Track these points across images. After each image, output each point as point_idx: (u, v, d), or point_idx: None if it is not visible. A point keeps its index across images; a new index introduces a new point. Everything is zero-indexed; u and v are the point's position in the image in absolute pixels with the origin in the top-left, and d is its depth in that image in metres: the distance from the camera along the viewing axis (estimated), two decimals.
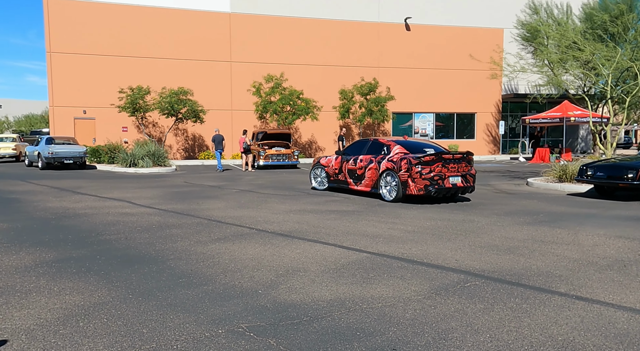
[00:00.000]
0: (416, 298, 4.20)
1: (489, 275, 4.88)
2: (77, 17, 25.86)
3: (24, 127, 74.47)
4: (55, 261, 5.33)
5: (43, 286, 4.42)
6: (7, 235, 6.69)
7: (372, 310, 3.90)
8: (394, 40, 30.53)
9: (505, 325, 3.62)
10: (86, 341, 3.25)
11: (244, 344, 3.25)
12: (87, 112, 26.41)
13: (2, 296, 4.14)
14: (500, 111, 32.77)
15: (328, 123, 29.26)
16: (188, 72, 27.10)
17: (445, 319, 3.73)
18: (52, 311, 3.80)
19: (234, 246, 6.08)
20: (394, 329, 3.54)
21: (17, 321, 3.59)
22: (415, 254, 5.72)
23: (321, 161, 12.64)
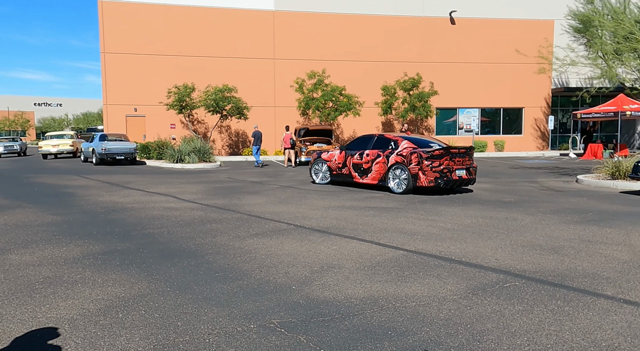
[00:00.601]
0: (452, 298, 4.10)
1: (530, 276, 4.70)
2: (128, 18, 26.83)
3: (81, 124, 78.40)
4: (101, 253, 5.56)
5: (88, 278, 4.62)
6: (59, 228, 7.04)
7: (405, 309, 3.84)
8: (438, 34, 29.91)
9: (544, 328, 3.48)
10: (124, 333, 3.37)
11: (274, 340, 3.27)
12: (137, 110, 27.40)
13: (51, 286, 4.36)
14: (550, 106, 31.49)
15: (370, 119, 29.05)
16: (232, 70, 27.59)
17: (481, 320, 3.63)
18: (95, 302, 3.97)
19: (271, 241, 6.14)
20: (426, 329, 3.47)
21: (62, 310, 3.77)
22: (453, 252, 5.59)
23: (322, 156, 13.07)
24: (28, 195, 10.82)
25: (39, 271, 4.80)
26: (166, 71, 26.78)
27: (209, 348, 3.14)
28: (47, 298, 4.04)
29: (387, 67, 28.84)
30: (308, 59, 28.04)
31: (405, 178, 10.82)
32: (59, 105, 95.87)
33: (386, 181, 11.25)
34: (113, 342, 3.21)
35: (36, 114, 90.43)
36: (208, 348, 3.14)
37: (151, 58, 27.07)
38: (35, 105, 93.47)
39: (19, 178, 15.39)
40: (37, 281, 4.48)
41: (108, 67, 26.83)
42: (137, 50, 26.90)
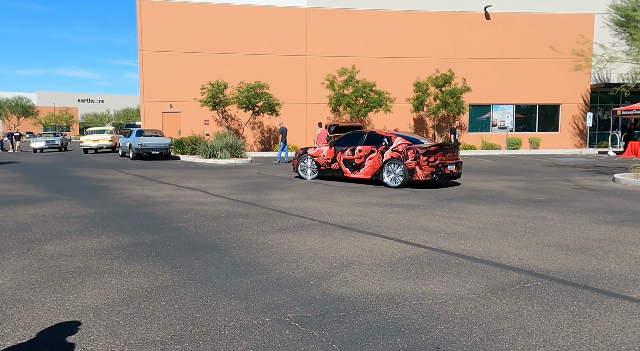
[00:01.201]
0: (469, 297, 4.06)
1: (553, 276, 4.60)
2: (165, 16, 27.45)
3: (122, 120, 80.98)
4: (129, 245, 5.77)
5: (115, 268, 4.80)
6: (93, 220, 7.33)
7: (421, 307, 3.84)
8: (472, 29, 29.32)
9: (562, 330, 3.42)
10: (144, 322, 3.51)
11: (288, 333, 3.34)
12: (173, 106, 28.05)
13: (80, 276, 4.56)
14: (589, 102, 30.42)
15: (401, 116, 28.81)
16: (265, 67, 27.85)
17: (497, 320, 3.59)
18: (120, 292, 4.13)
19: (294, 236, 6.22)
20: (440, 327, 3.46)
21: (89, 299, 3.95)
22: (475, 251, 5.52)
23: (309, 151, 13.31)
24: (67, 188, 11.28)
25: (71, 261, 5.02)
26: (200, 68, 27.29)
27: (224, 340, 3.23)
28: (75, 287, 4.24)
29: (419, 63, 28.50)
30: (339, 55, 28.01)
31: (401, 172, 11.40)
32: (101, 101, 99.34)
33: (380, 176, 11.78)
34: (133, 331, 3.35)
35: (80, 110, 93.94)
36: (223, 340, 3.23)
37: (186, 55, 27.63)
38: (78, 101, 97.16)
39: (60, 171, 16.04)
40: (67, 271, 4.69)
41: (145, 65, 27.56)
42: (172, 48, 27.51)
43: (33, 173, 15.31)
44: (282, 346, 3.14)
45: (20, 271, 4.68)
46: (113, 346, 3.13)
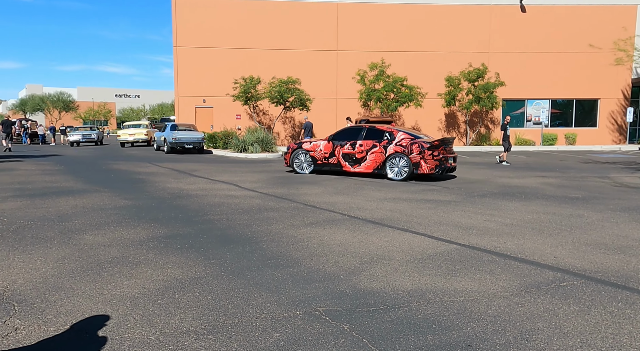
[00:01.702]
0: (502, 295, 4.00)
1: (591, 275, 4.47)
2: (199, 13, 27.85)
3: (157, 115, 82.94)
4: (164, 237, 5.91)
5: (151, 259, 4.94)
6: (129, 211, 7.54)
7: (452, 304, 3.80)
8: (506, 22, 28.60)
9: (600, 331, 3.32)
10: (178, 312, 3.60)
11: (318, 327, 3.36)
12: (206, 101, 28.48)
13: (117, 265, 4.71)
14: (629, 97, 29.28)
15: (432, 110, 28.43)
16: (296, 62, 27.93)
17: (531, 319, 3.52)
18: (155, 282, 4.25)
19: (324, 231, 6.24)
20: (472, 325, 3.42)
21: (125, 289, 4.07)
22: (509, 248, 5.41)
23: (304, 146, 13.36)
24: (105, 180, 11.64)
25: (109, 252, 5.19)
26: (233, 64, 27.59)
27: (255, 332, 3.28)
28: (113, 276, 4.38)
29: (451, 57, 28.01)
30: (370, 50, 27.82)
31: (405, 166, 11.75)
32: (137, 96, 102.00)
33: (383, 170, 12.08)
34: (168, 321, 3.44)
35: (117, 104, 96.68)
36: (254, 332, 3.28)
37: (219, 51, 27.98)
38: (116, 96, 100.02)
39: (99, 164, 16.55)
40: (106, 261, 4.85)
41: (180, 61, 28.05)
42: (206, 44, 27.90)
43: (73, 166, 15.85)
44: (313, 339, 3.17)
45: (61, 260, 4.87)
46: (149, 334, 3.22)
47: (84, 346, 3.04)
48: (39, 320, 3.42)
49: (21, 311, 3.56)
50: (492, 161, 18.33)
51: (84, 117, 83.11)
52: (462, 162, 18.10)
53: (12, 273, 4.45)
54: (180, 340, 3.15)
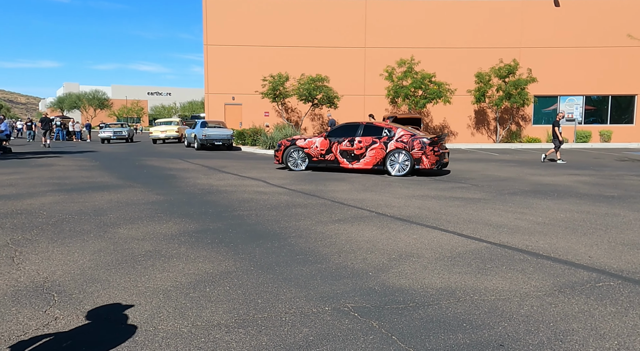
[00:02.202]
0: (535, 294, 3.92)
1: (628, 276, 4.34)
2: (228, 11, 28.15)
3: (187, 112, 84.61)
4: (195, 231, 6.02)
5: (182, 253, 5.04)
6: (161, 206, 7.70)
7: (483, 302, 3.75)
8: (539, 17, 27.89)
9: (639, 333, 3.23)
10: (209, 306, 3.66)
11: (347, 323, 3.37)
12: (235, 98, 28.80)
13: (150, 259, 4.82)
14: None
15: (461, 107, 28.01)
16: (324, 59, 27.94)
17: (565, 319, 3.45)
18: (187, 275, 4.34)
19: (352, 227, 6.24)
20: (504, 324, 3.37)
21: (159, 282, 4.17)
22: (541, 247, 5.30)
23: (298, 143, 13.31)
24: (138, 176, 11.92)
25: (142, 245, 5.32)
26: (261, 61, 27.80)
27: (285, 326, 3.31)
28: (147, 269, 4.49)
29: (481, 53, 27.52)
30: (398, 46, 27.59)
31: (406, 161, 12.02)
32: (169, 94, 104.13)
33: (384, 165, 12.27)
34: (199, 314, 3.51)
35: (149, 102, 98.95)
36: (284, 326, 3.31)
37: (248, 49, 28.22)
38: (148, 94, 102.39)
39: (132, 160, 16.96)
40: (139, 254, 4.98)
41: (210, 58, 28.43)
42: (235, 42, 28.19)
43: (108, 162, 16.29)
44: (342, 335, 3.18)
45: (98, 253, 5.02)
46: (181, 326, 3.29)
47: (119, 336, 3.14)
48: (76, 310, 3.54)
49: (60, 302, 3.69)
50: (522, 159, 17.95)
51: (118, 114, 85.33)
52: (492, 159, 17.79)
53: (52, 264, 4.62)
54: (211, 332, 3.21)
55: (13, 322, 3.32)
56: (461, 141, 29.16)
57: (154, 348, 2.98)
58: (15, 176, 11.68)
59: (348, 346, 3.03)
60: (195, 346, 3.01)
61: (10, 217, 6.78)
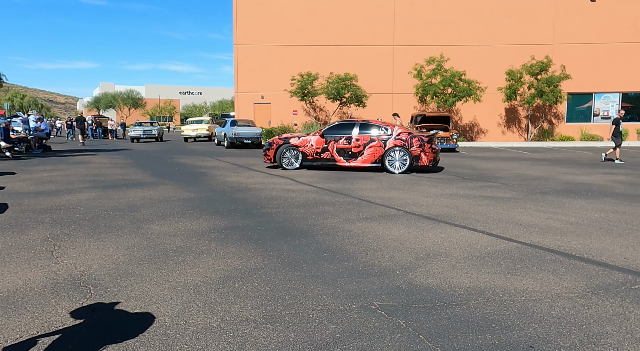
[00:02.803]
0: (567, 296, 3.84)
1: None
2: (258, 12, 28.42)
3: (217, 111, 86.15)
4: (225, 228, 6.12)
5: (212, 249, 5.14)
6: (192, 204, 7.86)
7: (512, 303, 3.70)
8: (574, 13, 27.11)
9: None
10: (238, 301, 3.73)
11: (374, 321, 3.38)
12: (264, 97, 29.07)
13: (182, 255, 4.94)
14: None
15: (491, 105, 27.52)
16: (352, 58, 27.89)
17: (599, 322, 3.37)
18: (216, 271, 4.42)
19: (379, 226, 6.24)
20: (535, 325, 3.32)
21: (189, 277, 4.27)
22: (574, 248, 5.18)
23: (291, 142, 13.15)
24: (170, 174, 12.18)
25: (174, 241, 5.45)
26: (290, 60, 27.96)
27: (312, 323, 3.34)
28: (178, 264, 4.60)
29: (512, 50, 26.96)
30: (427, 44, 27.30)
31: (405, 158, 12.24)
32: (199, 93, 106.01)
33: (383, 163, 12.42)
34: (228, 309, 3.58)
35: (181, 101, 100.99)
36: (311, 323, 3.35)
37: (277, 48, 28.43)
38: (180, 93, 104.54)
39: (164, 158, 17.34)
40: (171, 250, 5.10)
41: (239, 58, 28.76)
42: (264, 41, 28.43)
43: (141, 159, 16.70)
44: (369, 333, 3.19)
45: (131, 248, 5.17)
46: (211, 321, 3.36)
47: (153, 329, 3.23)
48: (112, 303, 3.66)
49: (96, 294, 3.83)
50: (555, 157, 17.51)
51: (151, 113, 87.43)
52: (523, 158, 17.43)
53: (88, 258, 4.78)
54: (240, 328, 3.27)
55: (52, 313, 3.46)
56: (491, 139, 28.64)
57: (185, 341, 3.06)
58: (54, 173, 12.10)
59: (375, 344, 3.04)
60: (225, 340, 3.08)
61: (50, 212, 7.04)
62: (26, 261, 4.69)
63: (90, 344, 3.01)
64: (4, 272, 4.35)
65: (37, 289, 3.93)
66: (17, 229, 6.00)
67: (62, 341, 3.05)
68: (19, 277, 4.22)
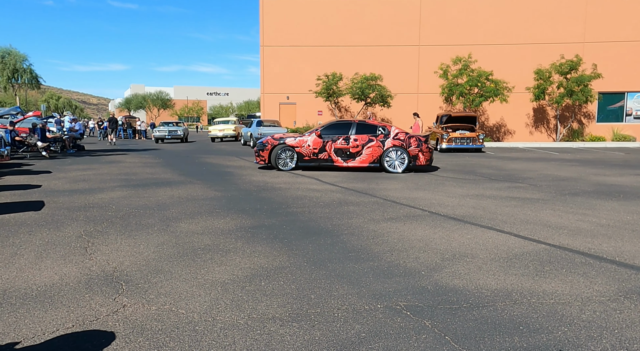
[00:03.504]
0: (598, 299, 3.77)
1: None
2: (284, 13, 28.62)
3: (243, 111, 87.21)
4: (251, 227, 6.20)
5: (239, 248, 5.22)
6: (219, 202, 7.98)
7: (541, 306, 3.65)
8: (605, 10, 26.42)
9: None
10: (264, 299, 3.79)
11: (399, 321, 3.39)
12: (289, 98, 29.25)
13: (209, 253, 5.03)
14: None
15: (518, 105, 27.03)
16: (377, 58, 27.81)
17: (632, 326, 3.30)
18: (243, 269, 4.50)
19: (404, 226, 6.22)
20: (564, 329, 3.27)
21: (217, 274, 4.35)
22: (605, 250, 5.07)
23: (287, 142, 12.94)
24: (197, 173, 12.39)
25: (201, 239, 5.56)
26: (315, 61, 28.07)
27: (337, 322, 3.37)
28: (206, 262, 4.69)
29: (541, 49, 26.43)
30: (453, 44, 27.01)
31: (403, 158, 12.44)
32: (226, 94, 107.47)
33: (381, 163, 12.53)
34: (255, 307, 3.63)
35: (208, 102, 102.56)
36: (336, 322, 3.37)
37: (302, 49, 28.56)
38: (207, 94, 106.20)
39: (192, 158, 17.63)
40: (199, 248, 5.20)
41: (266, 59, 29.00)
42: (290, 43, 28.60)
43: (170, 159, 17.02)
44: (394, 333, 3.20)
45: (161, 245, 5.29)
46: (238, 318, 3.43)
47: (182, 326, 3.31)
48: (142, 299, 3.76)
49: (128, 290, 3.94)
50: (585, 158, 17.10)
51: (179, 114, 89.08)
52: (551, 158, 17.07)
53: (120, 255, 4.92)
54: (266, 325, 3.32)
55: (86, 308, 3.58)
56: (519, 139, 28.15)
57: (213, 337, 3.13)
58: (88, 172, 12.46)
59: (400, 345, 3.05)
60: (251, 337, 3.13)
61: (84, 210, 7.26)
62: (62, 257, 4.86)
63: (122, 338, 3.11)
64: (41, 267, 4.52)
65: (72, 284, 4.07)
66: (54, 226, 6.21)
67: (96, 335, 3.16)
68: (55, 272, 4.38)
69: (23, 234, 5.73)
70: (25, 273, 4.36)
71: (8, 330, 3.21)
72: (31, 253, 4.99)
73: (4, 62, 47.96)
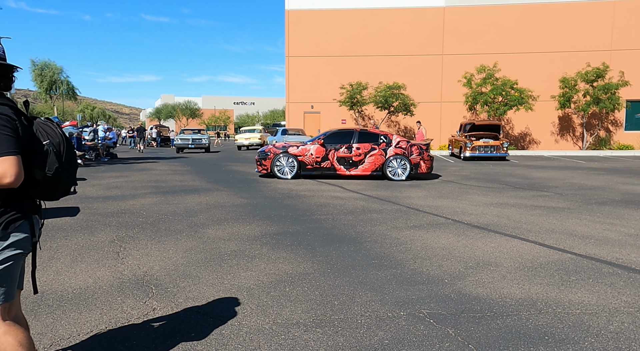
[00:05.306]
0: (626, 310, 3.73)
1: None
2: (309, 24, 28.95)
3: (269, 120, 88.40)
4: (276, 233, 6.30)
5: (264, 254, 5.32)
6: (245, 209, 8.12)
7: (567, 316, 3.63)
8: (633, 16, 25.84)
9: None
10: (289, 305, 3.86)
11: (422, 329, 3.42)
12: (314, 107, 29.49)
13: (236, 258, 5.14)
14: None
15: (544, 113, 26.63)
16: (401, 67, 27.83)
17: None
18: (268, 275, 4.59)
19: (427, 234, 6.23)
20: (591, 340, 3.25)
21: (243, 280, 4.46)
22: (634, 260, 4.99)
23: (290, 151, 12.96)
24: (224, 180, 12.61)
25: (228, 245, 5.68)
26: (339, 71, 28.26)
27: (360, 329, 3.42)
28: (232, 268, 4.80)
29: (566, 57, 26.02)
30: (477, 53, 26.85)
31: (405, 166, 12.56)
32: (252, 104, 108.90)
33: (383, 171, 12.62)
34: (280, 312, 3.71)
35: (235, 111, 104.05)
36: (359, 329, 3.42)
37: (327, 59, 28.80)
38: (234, 104, 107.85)
39: (219, 165, 17.94)
40: (225, 253, 5.32)
41: (291, 69, 29.35)
42: (315, 53, 28.89)
43: (198, 167, 17.35)
44: (417, 340, 3.23)
45: (189, 251, 5.44)
46: (263, 323, 3.51)
47: (208, 329, 3.42)
48: (171, 302, 3.89)
49: (157, 294, 4.07)
50: (612, 166, 16.71)
51: (207, 123, 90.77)
52: (577, 167, 16.75)
53: (150, 260, 5.08)
54: (291, 330, 3.39)
55: (118, 310, 3.72)
56: (544, 148, 27.69)
57: (239, 341, 3.22)
58: (120, 179, 12.81)
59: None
60: (276, 342, 3.21)
61: (116, 216, 7.50)
62: (95, 261, 5.04)
63: (152, 340, 3.23)
64: (76, 271, 4.70)
65: (105, 287, 4.23)
66: (88, 231, 6.43)
67: (127, 337, 3.28)
68: (89, 276, 4.55)
69: (60, 239, 5.96)
70: (61, 276, 4.55)
71: (46, 331, 3.36)
72: (67, 256, 5.19)
73: (43, 74, 49.83)
